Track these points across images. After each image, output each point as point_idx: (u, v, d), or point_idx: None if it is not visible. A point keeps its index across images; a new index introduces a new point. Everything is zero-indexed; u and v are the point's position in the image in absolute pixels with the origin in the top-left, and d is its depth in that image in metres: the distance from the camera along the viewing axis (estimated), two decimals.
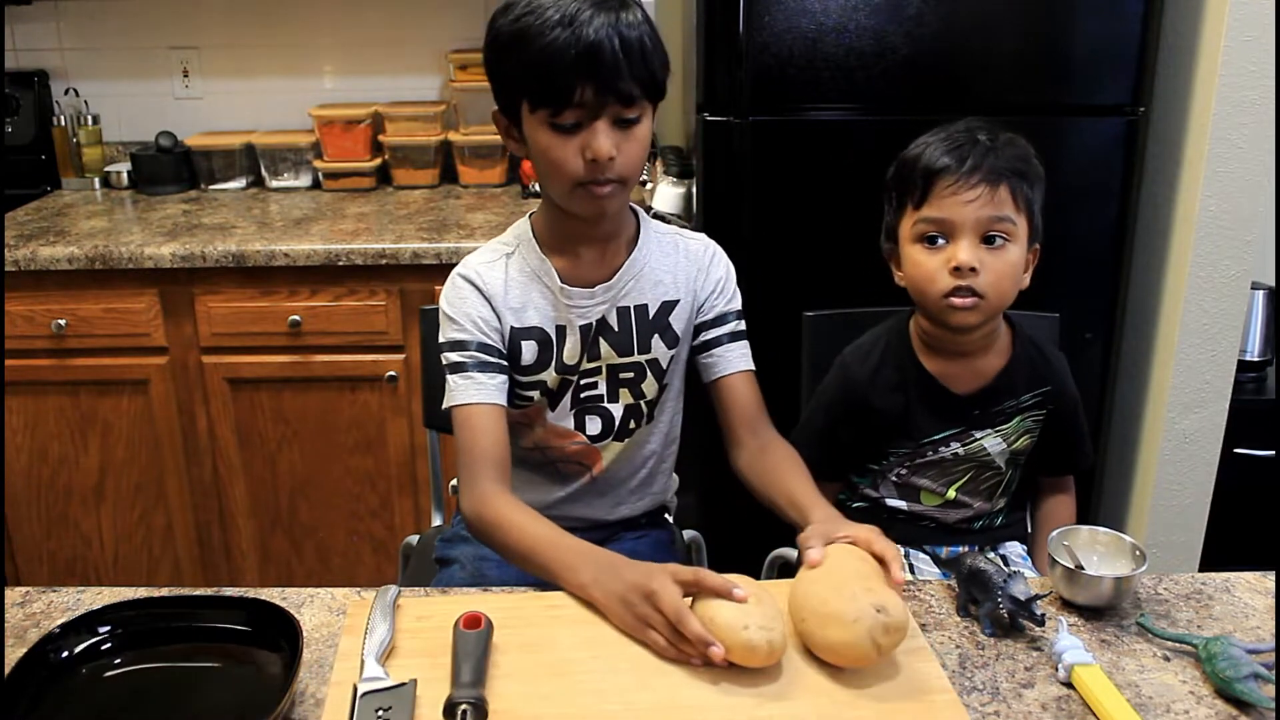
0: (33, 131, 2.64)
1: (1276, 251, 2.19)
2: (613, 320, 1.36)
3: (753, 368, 1.43)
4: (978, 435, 1.41)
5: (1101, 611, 1.13)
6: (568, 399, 1.39)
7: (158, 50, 2.68)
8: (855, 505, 1.51)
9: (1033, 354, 1.43)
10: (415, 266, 2.14)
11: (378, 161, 2.61)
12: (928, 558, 1.46)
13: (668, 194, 2.30)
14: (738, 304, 1.43)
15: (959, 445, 1.42)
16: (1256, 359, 2.43)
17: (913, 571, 1.44)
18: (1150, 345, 2.21)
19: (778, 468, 1.36)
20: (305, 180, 2.63)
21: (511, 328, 1.33)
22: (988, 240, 1.30)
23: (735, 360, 1.41)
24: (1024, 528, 1.54)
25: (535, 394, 1.38)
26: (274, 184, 2.62)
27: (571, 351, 1.35)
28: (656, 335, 1.38)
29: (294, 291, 2.18)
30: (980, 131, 1.33)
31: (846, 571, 1.07)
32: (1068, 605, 1.14)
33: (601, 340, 1.36)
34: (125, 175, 2.61)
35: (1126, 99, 2.03)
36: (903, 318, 1.46)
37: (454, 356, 1.32)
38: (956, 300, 1.31)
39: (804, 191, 2.07)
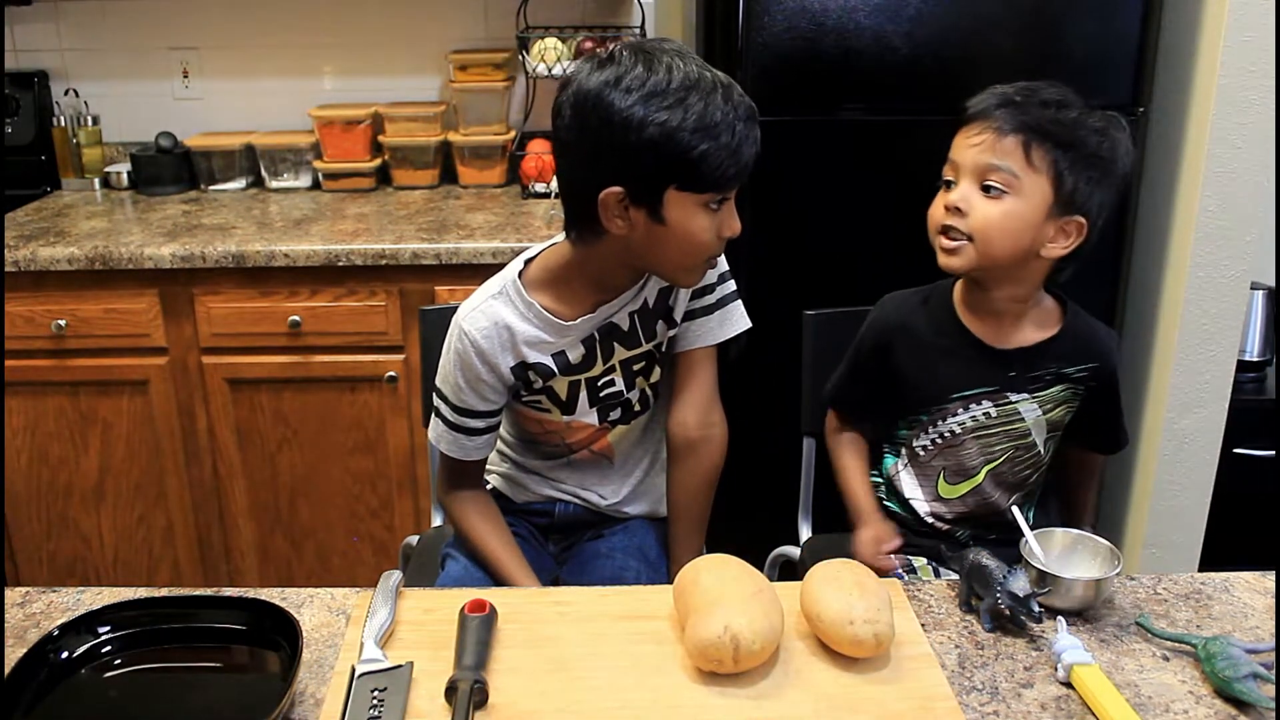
0: (33, 132, 2.64)
1: (1276, 251, 2.19)
2: (623, 322, 1.40)
3: (733, 332, 1.46)
4: (1013, 398, 1.39)
5: (1081, 613, 1.13)
6: (584, 399, 1.43)
7: (158, 50, 2.67)
8: (886, 504, 1.51)
9: (1082, 329, 1.42)
10: (415, 267, 2.14)
11: (377, 162, 2.61)
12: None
13: None
14: (723, 264, 1.45)
15: (991, 405, 1.40)
16: (1256, 359, 2.43)
17: (938, 575, 1.43)
18: (1150, 345, 2.22)
19: (688, 481, 1.48)
20: (305, 181, 2.63)
21: (511, 366, 1.38)
22: (986, 189, 1.30)
23: (707, 332, 1.44)
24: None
25: (543, 398, 1.43)
26: (274, 184, 2.62)
27: (576, 358, 1.39)
28: (660, 321, 1.42)
29: (294, 292, 2.18)
30: (1034, 88, 1.32)
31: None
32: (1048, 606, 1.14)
33: (613, 342, 1.40)
34: (125, 176, 2.61)
35: (1126, 99, 2.03)
36: (949, 280, 1.45)
37: (436, 400, 1.45)
38: (944, 240, 1.33)
39: (804, 191, 2.07)
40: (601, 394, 1.44)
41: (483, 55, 2.56)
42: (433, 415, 1.45)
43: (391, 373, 2.22)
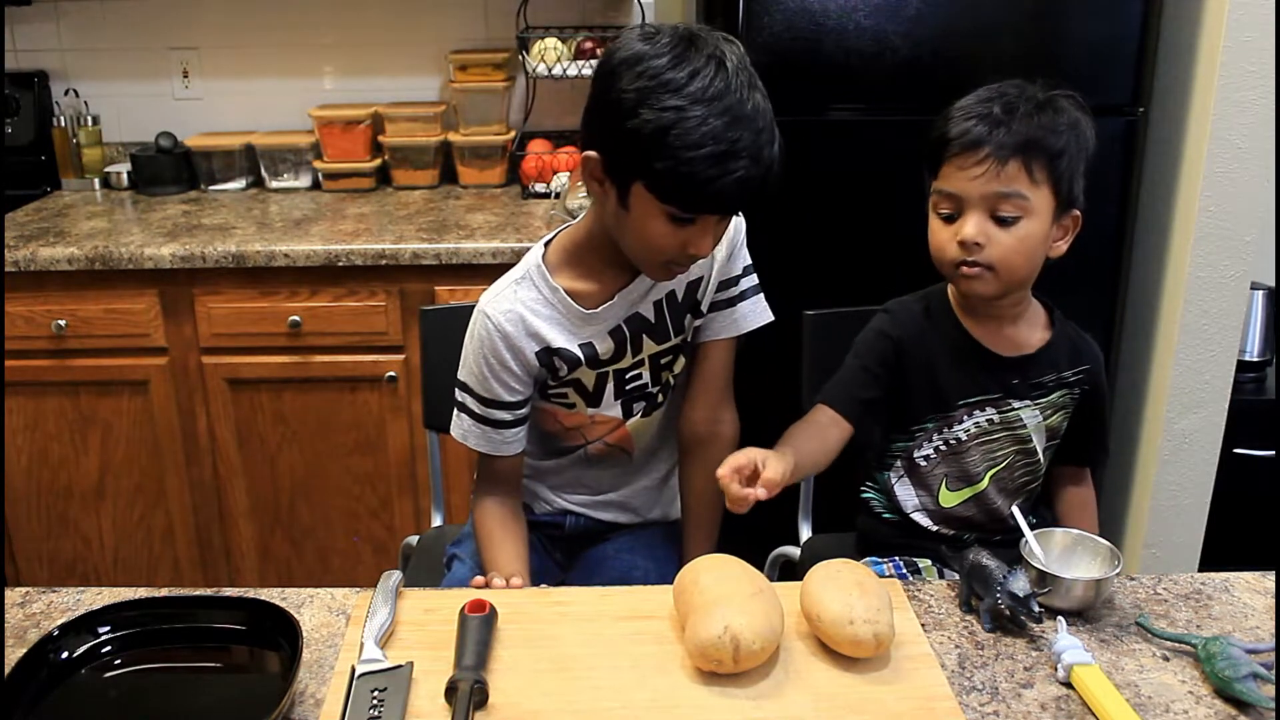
0: (33, 132, 2.64)
1: (1276, 251, 2.19)
2: (649, 313, 1.38)
3: (755, 325, 1.44)
4: (1015, 405, 1.39)
5: (1081, 613, 1.13)
6: (610, 392, 1.41)
7: (158, 50, 2.67)
8: (886, 516, 1.50)
9: (1072, 334, 1.43)
10: (415, 267, 2.14)
11: (377, 162, 2.61)
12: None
13: None
14: (746, 258, 1.43)
15: (994, 411, 1.39)
16: (1256, 359, 2.43)
17: (942, 576, 1.43)
18: (1150, 345, 2.22)
19: (696, 481, 1.47)
20: (305, 181, 2.63)
21: (536, 352, 1.35)
22: (998, 218, 1.28)
23: (730, 325, 1.43)
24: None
25: (569, 391, 1.41)
26: (274, 184, 2.62)
27: (605, 351, 1.37)
28: (688, 314, 1.41)
29: (294, 292, 2.18)
30: (1008, 98, 1.29)
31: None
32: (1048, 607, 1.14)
33: (643, 335, 1.38)
34: (125, 176, 2.61)
35: (1126, 99, 2.03)
36: (944, 283, 1.44)
37: (459, 395, 1.40)
38: (965, 270, 1.31)
39: (804, 191, 2.07)
40: (628, 387, 1.42)
41: (483, 55, 2.56)
42: (455, 413, 1.40)
43: (391, 373, 2.22)
